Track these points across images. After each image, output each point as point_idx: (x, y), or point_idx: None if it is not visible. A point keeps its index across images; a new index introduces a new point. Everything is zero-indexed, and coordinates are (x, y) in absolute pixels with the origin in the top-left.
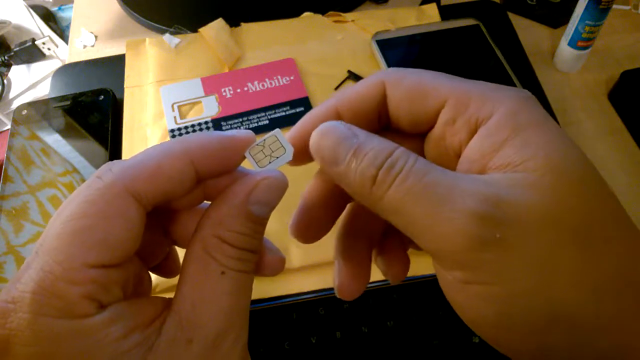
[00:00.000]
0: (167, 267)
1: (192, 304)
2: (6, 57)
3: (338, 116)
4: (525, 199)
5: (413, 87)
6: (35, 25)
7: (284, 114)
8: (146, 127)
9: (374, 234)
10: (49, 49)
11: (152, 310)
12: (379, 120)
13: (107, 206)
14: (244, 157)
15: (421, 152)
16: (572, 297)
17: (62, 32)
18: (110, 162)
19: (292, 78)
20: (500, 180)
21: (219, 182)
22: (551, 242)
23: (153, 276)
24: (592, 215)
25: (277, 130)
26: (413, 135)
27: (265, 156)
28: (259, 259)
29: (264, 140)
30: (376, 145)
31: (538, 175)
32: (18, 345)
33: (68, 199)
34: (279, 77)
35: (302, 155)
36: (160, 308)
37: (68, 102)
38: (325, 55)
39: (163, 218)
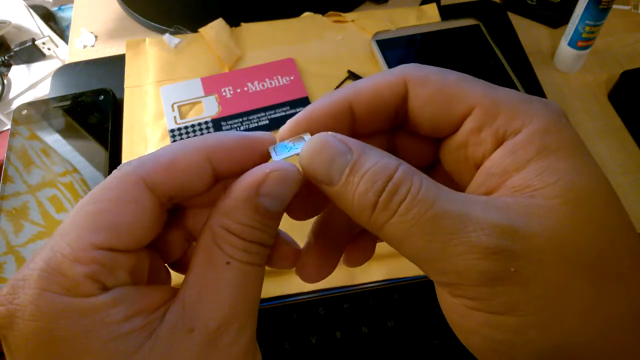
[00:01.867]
0: (186, 264)
1: (196, 292)
2: (6, 57)
3: (350, 110)
4: (542, 229)
5: (439, 90)
6: (35, 25)
7: (284, 114)
8: (146, 127)
9: (356, 228)
10: (49, 49)
11: (158, 297)
12: (395, 118)
13: (121, 193)
14: (264, 159)
15: (434, 157)
16: (581, 332)
17: (62, 32)
18: (134, 159)
19: (292, 78)
20: (516, 206)
21: None
22: (565, 275)
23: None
24: (609, 249)
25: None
26: (427, 138)
27: (287, 150)
28: (273, 250)
29: (291, 140)
30: (374, 163)
31: (557, 203)
32: (22, 320)
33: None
34: (279, 77)
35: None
36: (167, 296)
37: (68, 102)
38: (325, 55)
39: (182, 214)
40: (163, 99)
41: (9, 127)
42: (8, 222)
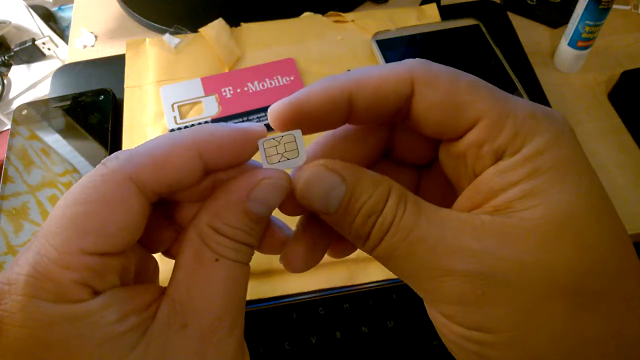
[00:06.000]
0: (176, 252)
1: (186, 288)
2: (6, 57)
3: (348, 102)
4: (513, 251)
5: (447, 96)
6: (35, 25)
7: None
8: (146, 127)
9: None
10: (49, 49)
11: (148, 296)
12: (395, 115)
13: (109, 193)
14: (255, 151)
15: (433, 155)
16: (554, 352)
17: (62, 32)
18: (118, 151)
19: (292, 78)
20: (492, 225)
21: (229, 175)
22: (535, 297)
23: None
24: (591, 269)
25: (298, 131)
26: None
27: (277, 153)
28: (263, 235)
29: (282, 136)
30: (368, 197)
31: (533, 225)
32: (10, 327)
33: (74, 185)
34: (279, 77)
35: (290, 125)
36: (156, 294)
37: (68, 102)
38: (326, 55)
39: (169, 207)
40: (163, 99)
41: (9, 127)
42: (8, 222)
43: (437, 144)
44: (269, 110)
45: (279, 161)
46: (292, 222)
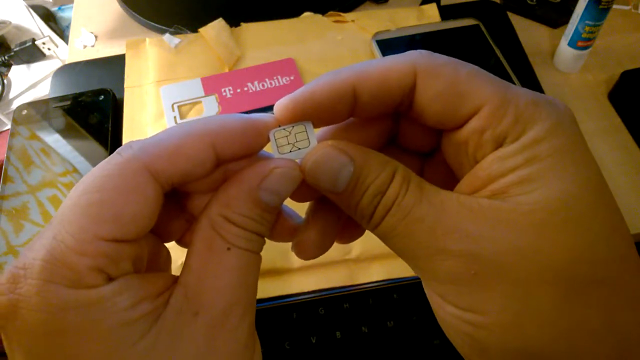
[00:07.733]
0: (188, 241)
1: (198, 277)
2: (6, 57)
3: (353, 95)
4: (506, 235)
5: (449, 86)
6: (35, 25)
7: None
8: (146, 126)
9: None
10: (49, 49)
11: (160, 283)
12: (399, 106)
13: (124, 181)
14: (266, 142)
15: (436, 144)
16: (545, 337)
17: (62, 32)
18: (131, 141)
19: (292, 78)
20: (488, 209)
21: (240, 166)
22: (527, 282)
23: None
24: (585, 256)
25: (308, 122)
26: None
27: (288, 143)
28: (276, 224)
29: (292, 127)
30: (375, 177)
31: (528, 209)
32: (26, 310)
33: (87, 173)
34: (279, 77)
35: (297, 120)
36: (169, 282)
37: (68, 102)
38: (326, 55)
39: (180, 196)
40: (163, 99)
41: (9, 127)
42: (8, 222)
43: (440, 133)
44: (275, 105)
45: (290, 151)
46: (301, 210)
